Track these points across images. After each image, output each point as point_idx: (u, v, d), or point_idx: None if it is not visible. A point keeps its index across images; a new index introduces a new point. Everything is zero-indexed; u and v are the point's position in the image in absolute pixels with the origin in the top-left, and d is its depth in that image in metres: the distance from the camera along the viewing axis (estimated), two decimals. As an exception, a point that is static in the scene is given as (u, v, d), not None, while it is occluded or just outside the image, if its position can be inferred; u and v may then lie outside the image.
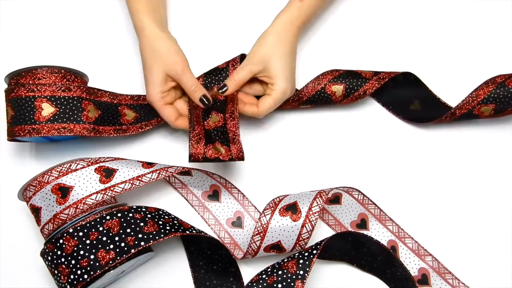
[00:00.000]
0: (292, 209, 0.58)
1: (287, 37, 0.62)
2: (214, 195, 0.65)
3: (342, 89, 0.64)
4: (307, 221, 0.56)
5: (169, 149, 0.66)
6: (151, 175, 0.58)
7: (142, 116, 0.65)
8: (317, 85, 0.64)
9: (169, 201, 0.64)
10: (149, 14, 0.61)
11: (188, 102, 0.63)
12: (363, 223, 0.64)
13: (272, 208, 0.58)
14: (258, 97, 0.64)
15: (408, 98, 0.67)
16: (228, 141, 0.61)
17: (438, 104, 0.66)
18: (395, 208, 0.64)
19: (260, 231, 0.57)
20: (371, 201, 0.63)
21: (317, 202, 0.57)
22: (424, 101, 0.67)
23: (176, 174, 0.64)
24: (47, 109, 0.57)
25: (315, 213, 0.57)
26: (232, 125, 0.62)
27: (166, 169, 0.59)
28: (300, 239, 0.57)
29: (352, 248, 0.61)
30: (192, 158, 0.59)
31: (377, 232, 0.63)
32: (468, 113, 0.63)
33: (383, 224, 0.63)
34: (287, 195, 0.61)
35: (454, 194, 0.65)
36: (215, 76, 0.65)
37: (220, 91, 0.62)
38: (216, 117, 0.62)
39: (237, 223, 0.64)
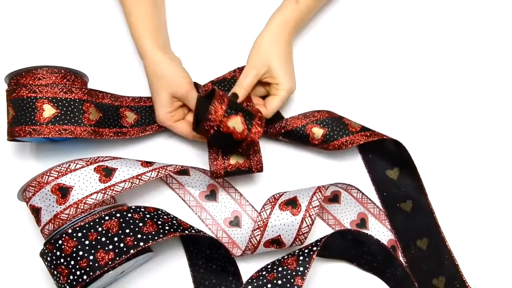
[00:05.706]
0: (292, 203, 0.58)
1: (283, 37, 0.62)
2: (212, 195, 0.65)
3: (322, 132, 0.63)
4: (307, 215, 0.57)
5: (169, 150, 0.66)
6: (150, 174, 0.58)
7: (143, 118, 0.65)
8: (300, 121, 0.63)
9: (167, 202, 0.64)
10: (152, 39, 0.62)
11: None
12: (362, 223, 0.64)
13: (272, 203, 0.59)
14: (263, 97, 0.64)
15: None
16: None
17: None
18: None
19: (260, 225, 0.58)
20: (370, 199, 0.63)
21: (316, 197, 0.57)
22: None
23: (174, 173, 0.64)
24: (48, 111, 0.57)
25: (314, 207, 0.57)
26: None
27: (165, 167, 0.59)
28: (300, 233, 0.57)
29: (352, 246, 0.60)
30: (215, 175, 0.61)
31: (377, 232, 0.63)
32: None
33: (382, 223, 0.63)
34: (287, 191, 0.61)
35: (456, 193, 0.65)
36: (223, 87, 0.65)
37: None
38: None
39: (235, 222, 0.64)
